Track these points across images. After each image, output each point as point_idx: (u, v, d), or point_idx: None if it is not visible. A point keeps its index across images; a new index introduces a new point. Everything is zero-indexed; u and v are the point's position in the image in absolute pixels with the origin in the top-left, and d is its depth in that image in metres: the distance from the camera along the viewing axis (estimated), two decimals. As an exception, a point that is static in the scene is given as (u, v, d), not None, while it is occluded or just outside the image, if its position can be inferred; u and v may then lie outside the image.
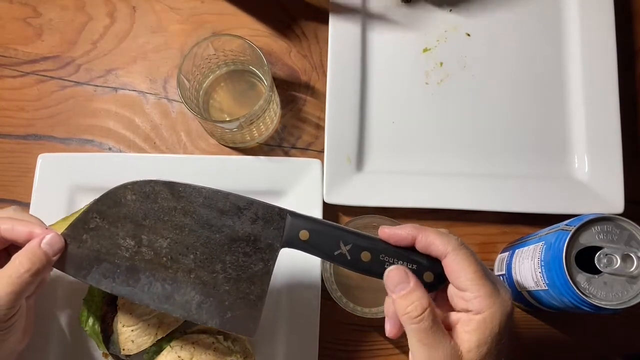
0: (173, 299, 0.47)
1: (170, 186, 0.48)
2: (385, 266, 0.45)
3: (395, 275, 0.43)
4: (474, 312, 0.41)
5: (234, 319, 0.47)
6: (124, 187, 0.49)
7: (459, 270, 0.42)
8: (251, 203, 0.48)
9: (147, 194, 0.48)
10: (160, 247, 0.48)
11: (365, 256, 0.46)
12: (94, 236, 0.48)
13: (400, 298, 0.42)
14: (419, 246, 0.44)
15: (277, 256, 0.48)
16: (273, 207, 0.48)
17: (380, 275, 0.46)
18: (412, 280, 0.43)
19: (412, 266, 0.45)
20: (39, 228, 0.47)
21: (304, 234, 0.47)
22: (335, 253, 0.46)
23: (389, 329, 0.45)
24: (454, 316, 0.43)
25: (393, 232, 0.45)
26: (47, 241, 0.47)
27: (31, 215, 0.50)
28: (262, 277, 0.47)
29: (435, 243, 0.43)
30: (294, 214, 0.48)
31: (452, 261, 0.42)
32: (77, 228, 0.48)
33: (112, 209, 0.48)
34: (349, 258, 0.46)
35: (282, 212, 0.48)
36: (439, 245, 0.43)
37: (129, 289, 0.48)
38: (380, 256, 0.45)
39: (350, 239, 0.46)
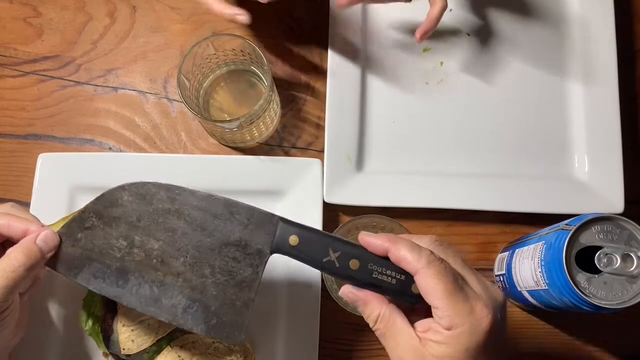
0: (160, 302, 0.47)
1: (167, 188, 0.48)
2: (374, 275, 0.44)
3: (345, 296, 0.45)
4: (443, 327, 0.40)
5: (219, 325, 0.47)
6: (122, 187, 0.48)
7: (429, 289, 0.41)
8: (243, 208, 0.47)
9: (143, 195, 0.48)
10: (151, 248, 0.47)
11: (354, 264, 0.45)
12: (88, 235, 0.48)
13: (362, 311, 0.45)
14: (392, 259, 0.43)
15: (266, 262, 0.47)
16: (265, 213, 0.47)
17: (368, 286, 0.45)
18: (361, 295, 0.44)
19: (400, 277, 0.44)
20: (34, 225, 0.48)
21: (293, 239, 0.46)
22: (324, 260, 0.45)
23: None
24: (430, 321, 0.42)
25: (369, 240, 0.44)
26: (42, 237, 0.47)
27: (28, 212, 0.51)
28: (250, 283, 0.47)
29: (406, 259, 0.42)
30: (285, 220, 0.47)
31: (422, 279, 0.41)
32: (73, 227, 0.48)
33: (108, 209, 0.48)
34: (337, 265, 0.45)
35: (273, 218, 0.47)
36: (409, 262, 0.42)
37: (117, 290, 0.47)
38: (369, 265, 0.45)
39: (340, 247, 0.45)
